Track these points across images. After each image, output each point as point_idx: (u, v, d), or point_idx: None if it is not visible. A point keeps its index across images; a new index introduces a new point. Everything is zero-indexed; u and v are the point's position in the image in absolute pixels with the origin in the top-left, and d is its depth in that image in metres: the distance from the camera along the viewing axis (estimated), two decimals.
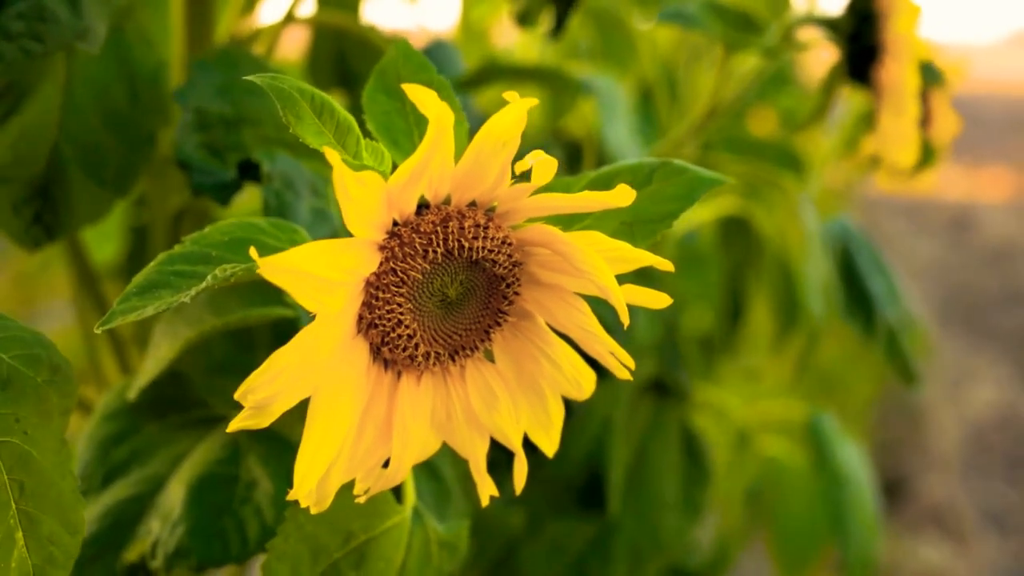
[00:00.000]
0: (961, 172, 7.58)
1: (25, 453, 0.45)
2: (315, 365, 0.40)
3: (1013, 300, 4.76)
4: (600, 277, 0.42)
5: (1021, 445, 3.34)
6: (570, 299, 0.45)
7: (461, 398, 0.45)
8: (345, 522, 0.51)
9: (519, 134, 0.39)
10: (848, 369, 3.48)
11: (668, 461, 0.91)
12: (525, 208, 0.43)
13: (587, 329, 0.45)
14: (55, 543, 0.45)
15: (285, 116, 0.44)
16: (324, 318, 0.40)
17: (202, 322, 0.58)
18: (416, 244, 0.42)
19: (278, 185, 0.60)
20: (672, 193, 0.49)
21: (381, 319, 0.42)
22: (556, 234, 0.43)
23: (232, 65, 0.69)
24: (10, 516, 0.44)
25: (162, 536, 0.54)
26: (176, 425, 0.61)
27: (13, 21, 0.56)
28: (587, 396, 0.47)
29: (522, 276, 0.45)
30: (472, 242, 0.42)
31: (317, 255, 0.38)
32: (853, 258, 1.02)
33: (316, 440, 0.41)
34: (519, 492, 0.45)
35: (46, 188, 0.65)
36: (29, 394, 0.46)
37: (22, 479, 0.45)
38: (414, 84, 0.39)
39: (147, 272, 0.44)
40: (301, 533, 0.50)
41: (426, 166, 0.39)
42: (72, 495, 0.46)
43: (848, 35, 0.85)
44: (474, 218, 0.43)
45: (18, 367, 0.46)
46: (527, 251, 0.45)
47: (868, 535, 1.17)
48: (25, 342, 0.47)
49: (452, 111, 0.38)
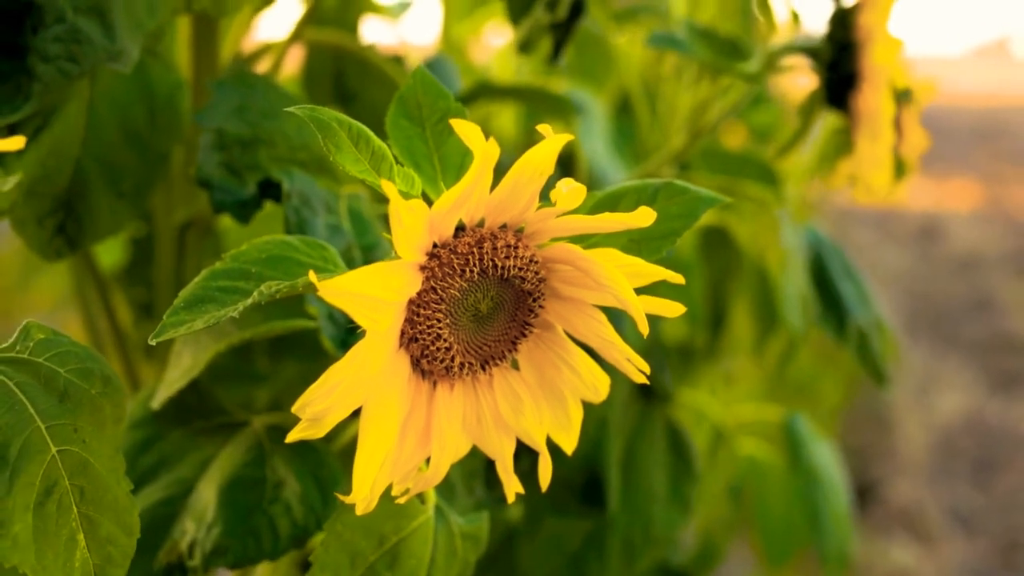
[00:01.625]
0: (929, 183, 7.69)
1: (84, 460, 0.48)
2: (366, 378, 0.44)
3: (979, 308, 4.85)
4: (620, 290, 0.46)
5: (987, 449, 3.41)
6: (589, 311, 0.49)
7: (490, 404, 0.50)
8: (378, 526, 0.54)
9: (552, 165, 0.43)
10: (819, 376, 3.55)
11: (656, 458, 0.95)
12: (551, 229, 0.47)
13: (605, 338, 0.49)
14: (113, 543, 0.48)
15: (325, 145, 0.48)
16: (373, 335, 0.44)
17: (227, 334, 0.61)
18: (454, 264, 0.46)
19: (296, 202, 0.64)
20: (676, 212, 0.53)
21: (422, 334, 0.46)
22: (578, 252, 0.47)
23: (248, 86, 0.73)
24: (72, 519, 0.48)
25: (198, 537, 0.58)
26: (200, 431, 0.64)
27: (50, 44, 0.59)
28: (603, 399, 0.51)
29: (546, 291, 0.49)
30: (504, 261, 0.47)
31: (371, 278, 0.42)
32: (825, 264, 1.07)
33: (370, 447, 0.44)
34: (544, 488, 0.49)
35: (69, 202, 0.68)
36: (85, 405, 0.49)
37: (82, 484, 0.48)
38: (460, 120, 0.43)
39: (192, 287, 0.48)
40: (340, 542, 0.53)
41: (469, 195, 0.43)
42: (127, 499, 0.49)
43: (827, 63, 0.89)
44: (505, 239, 0.47)
45: (74, 380, 0.49)
46: (551, 268, 0.49)
47: (843, 531, 1.22)
48: (79, 356, 0.50)
49: (496, 148, 0.42)
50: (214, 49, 0.81)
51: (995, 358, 4.20)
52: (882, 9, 0.85)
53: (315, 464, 0.62)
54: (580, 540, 0.91)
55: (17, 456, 0.46)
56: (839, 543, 1.23)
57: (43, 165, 0.67)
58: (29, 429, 0.47)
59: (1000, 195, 7.44)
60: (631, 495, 0.95)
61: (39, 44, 0.60)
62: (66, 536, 0.47)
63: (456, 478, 0.70)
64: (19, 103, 0.59)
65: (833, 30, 0.89)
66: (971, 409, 3.71)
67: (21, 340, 0.49)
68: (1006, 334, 4.46)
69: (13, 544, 0.46)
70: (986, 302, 4.94)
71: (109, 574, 0.48)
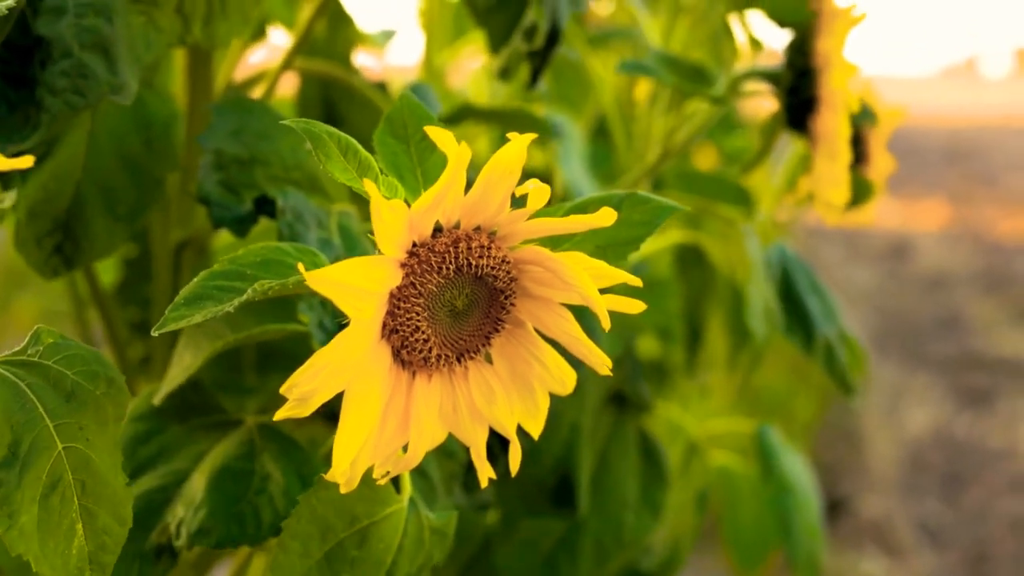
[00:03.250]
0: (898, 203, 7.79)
1: (86, 457, 0.52)
2: (349, 364, 0.48)
3: (947, 326, 4.92)
4: (585, 289, 0.50)
5: (955, 464, 3.47)
6: (557, 309, 0.53)
7: (465, 394, 0.53)
8: (351, 507, 0.58)
9: (521, 167, 0.47)
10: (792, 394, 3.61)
11: (628, 465, 0.99)
12: (521, 231, 0.51)
13: (572, 334, 0.53)
14: (107, 533, 0.52)
15: (316, 154, 0.52)
16: (357, 323, 0.47)
17: (222, 336, 0.65)
18: (432, 261, 0.50)
19: (290, 218, 0.68)
20: (639, 220, 0.57)
21: (402, 325, 0.50)
22: (547, 253, 0.51)
23: (245, 110, 0.77)
24: (73, 511, 0.51)
25: (186, 518, 0.61)
26: (197, 427, 0.68)
27: (58, 78, 0.63)
28: (570, 391, 0.55)
29: (517, 290, 0.53)
30: (478, 260, 0.51)
31: (355, 269, 0.46)
32: (792, 280, 1.11)
33: (350, 428, 0.48)
34: (514, 473, 0.53)
35: (68, 223, 0.72)
36: (90, 405, 0.53)
37: (84, 479, 0.52)
38: (435, 127, 0.47)
39: (192, 286, 0.52)
40: (313, 515, 0.57)
41: (444, 196, 0.47)
42: (123, 492, 0.53)
43: (787, 88, 0.93)
44: (479, 240, 0.51)
45: (81, 381, 0.53)
46: (522, 268, 0.53)
47: (813, 538, 1.26)
48: (85, 359, 0.54)
49: (468, 151, 0.46)
50: (209, 78, 0.85)
51: (963, 375, 4.26)
52: (838, 37, 0.90)
53: (301, 462, 0.66)
54: (554, 542, 0.95)
55: (27, 452, 0.50)
56: (809, 550, 1.27)
57: (45, 188, 0.71)
58: (39, 427, 0.51)
59: (968, 215, 7.56)
60: (603, 500, 0.98)
61: (47, 78, 0.64)
62: (67, 526, 0.51)
63: (437, 481, 0.73)
64: (28, 132, 0.63)
65: (792, 57, 0.94)
66: (939, 425, 3.77)
67: (32, 344, 0.53)
68: (974, 351, 4.54)
69: (20, 534, 0.49)
70: (954, 320, 5.01)
71: (102, 560, 0.51)
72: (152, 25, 0.70)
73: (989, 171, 9.57)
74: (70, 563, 0.50)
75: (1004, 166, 9.88)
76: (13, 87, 0.63)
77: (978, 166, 9.91)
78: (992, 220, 7.37)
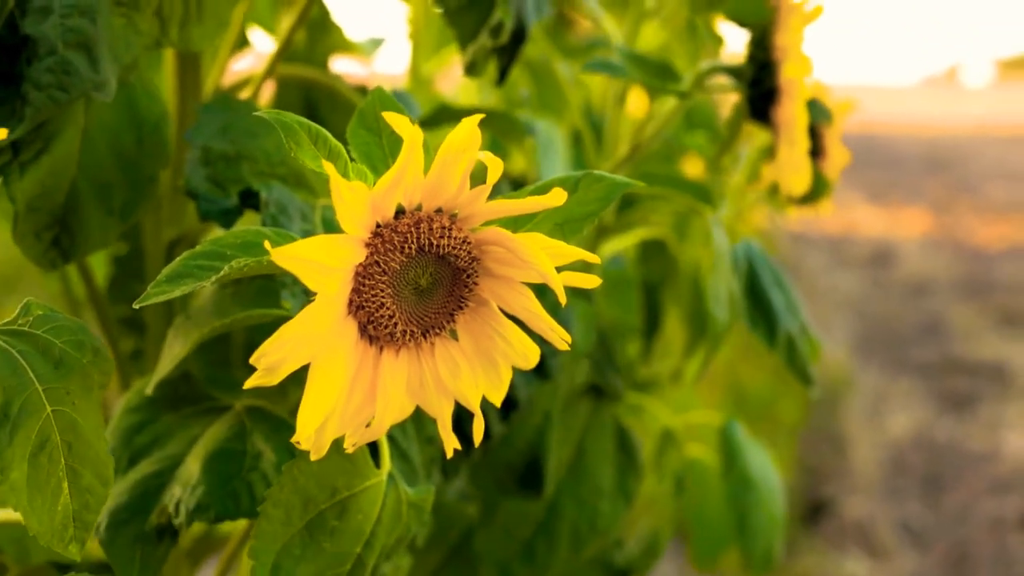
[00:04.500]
0: (880, 211, 7.87)
1: (73, 420, 0.55)
2: (314, 337, 0.50)
3: (929, 332, 4.97)
4: (542, 267, 0.53)
5: (936, 466, 3.50)
6: (518, 288, 0.56)
7: (431, 369, 0.56)
8: (332, 479, 0.61)
9: (476, 145, 0.50)
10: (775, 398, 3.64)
11: (603, 454, 1.01)
12: (481, 212, 0.54)
13: (532, 311, 0.56)
14: (91, 493, 0.55)
15: (287, 143, 0.54)
16: (322, 298, 0.50)
17: (208, 323, 0.68)
18: (395, 241, 0.52)
19: (274, 210, 0.71)
20: (594, 196, 0.60)
21: (368, 302, 0.52)
22: (507, 234, 0.54)
23: (231, 110, 0.81)
24: (60, 470, 0.54)
25: (183, 497, 0.64)
26: (189, 414, 0.72)
27: (43, 74, 0.66)
28: (533, 365, 0.57)
29: (480, 269, 0.55)
30: (439, 240, 0.53)
31: (318, 246, 0.49)
32: (757, 275, 1.13)
33: (314, 396, 0.51)
34: (478, 444, 0.55)
35: (64, 217, 0.75)
36: (76, 372, 0.56)
37: (70, 440, 0.54)
38: (392, 112, 0.50)
39: (174, 265, 0.54)
40: (295, 485, 0.60)
41: (402, 176, 0.50)
42: (105, 454, 0.56)
43: (749, 81, 0.97)
44: (440, 221, 0.53)
45: (68, 350, 0.56)
46: (483, 249, 0.55)
47: (772, 535, 1.27)
48: (72, 330, 0.57)
49: (420, 132, 0.48)
50: (197, 81, 0.87)
51: (944, 379, 4.31)
52: (795, 31, 0.93)
53: (290, 438, 0.68)
54: (532, 528, 0.97)
55: (18, 413, 0.53)
56: (766, 546, 1.28)
57: (42, 184, 0.74)
58: (29, 391, 0.54)
59: (950, 222, 7.62)
60: (580, 488, 1.01)
61: (33, 74, 0.67)
62: (53, 484, 0.53)
63: (419, 465, 0.76)
64: (13, 124, 0.66)
65: (753, 51, 0.97)
66: (921, 428, 3.81)
67: (22, 315, 0.56)
68: (955, 356, 4.58)
69: (11, 488, 0.52)
70: (936, 325, 5.06)
71: (85, 518, 0.54)
72: (132, 27, 0.73)
73: (970, 179, 9.65)
74: (55, 520, 0.53)
75: (984, 174, 9.97)
76: (1, 83, 0.66)
77: (959, 174, 9.99)
78: (973, 227, 7.44)
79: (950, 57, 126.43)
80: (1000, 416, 3.90)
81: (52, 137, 0.73)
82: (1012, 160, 11.15)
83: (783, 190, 0.99)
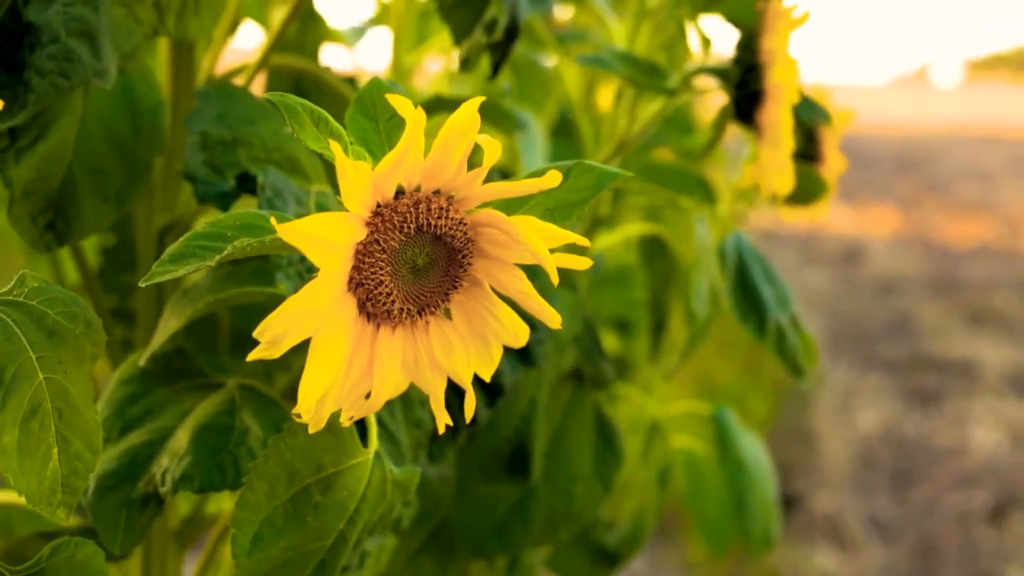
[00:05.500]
0: (850, 209, 7.94)
1: (64, 388, 0.56)
2: (316, 311, 0.52)
3: (898, 329, 5.03)
4: (536, 248, 0.54)
5: (904, 461, 3.56)
6: (511, 269, 0.57)
7: (426, 346, 0.57)
8: (319, 455, 0.62)
9: (475, 129, 0.52)
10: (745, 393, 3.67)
11: (583, 440, 1.02)
12: (477, 194, 0.55)
13: (524, 291, 0.57)
14: (80, 459, 0.56)
15: (291, 124, 0.56)
16: (324, 274, 0.51)
17: (203, 299, 0.69)
18: (395, 220, 0.54)
19: (270, 194, 0.73)
20: (584, 185, 0.61)
21: (367, 279, 0.54)
22: (501, 216, 0.55)
23: (228, 96, 0.82)
24: (50, 436, 0.55)
25: (170, 467, 0.65)
26: (182, 389, 0.73)
27: (45, 61, 0.67)
28: (523, 344, 0.59)
29: (474, 250, 0.57)
30: (437, 221, 0.55)
31: (322, 222, 0.50)
32: (747, 268, 1.15)
33: (315, 369, 0.52)
34: (469, 420, 0.57)
35: (59, 202, 0.76)
36: (69, 342, 0.57)
37: (61, 407, 0.56)
38: (396, 95, 0.51)
39: (177, 245, 0.55)
40: (280, 459, 0.61)
41: (404, 157, 0.51)
42: (95, 423, 0.57)
43: (735, 82, 0.99)
44: (439, 202, 0.55)
45: (61, 321, 0.57)
46: (478, 230, 0.57)
47: (768, 515, 1.30)
48: (65, 302, 0.58)
49: (423, 115, 0.50)
50: (191, 70, 0.88)
51: (912, 376, 4.37)
52: (782, 35, 0.95)
53: (279, 418, 0.70)
54: (507, 508, 0.99)
55: (11, 379, 0.54)
56: (764, 526, 1.31)
57: (38, 169, 0.75)
58: (22, 357, 0.55)
59: (919, 221, 7.71)
60: (556, 472, 1.02)
61: (35, 60, 0.68)
62: (43, 450, 0.55)
63: (406, 448, 0.77)
64: (16, 110, 0.67)
65: (740, 54, 0.99)
66: (890, 423, 3.86)
67: (17, 286, 0.57)
68: (923, 353, 4.65)
69: (2, 451, 0.54)
70: (905, 323, 5.13)
71: (73, 484, 0.55)
72: (132, 16, 0.74)
73: (939, 179, 9.76)
74: (44, 484, 0.54)
75: (953, 174, 10.09)
76: (4, 70, 0.67)
77: (928, 174, 10.10)
78: (941, 226, 7.53)
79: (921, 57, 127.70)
80: (967, 412, 3.96)
81: (49, 124, 0.74)
82: (981, 160, 11.28)
83: (765, 191, 1.01)
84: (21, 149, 0.73)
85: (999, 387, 4.21)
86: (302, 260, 0.70)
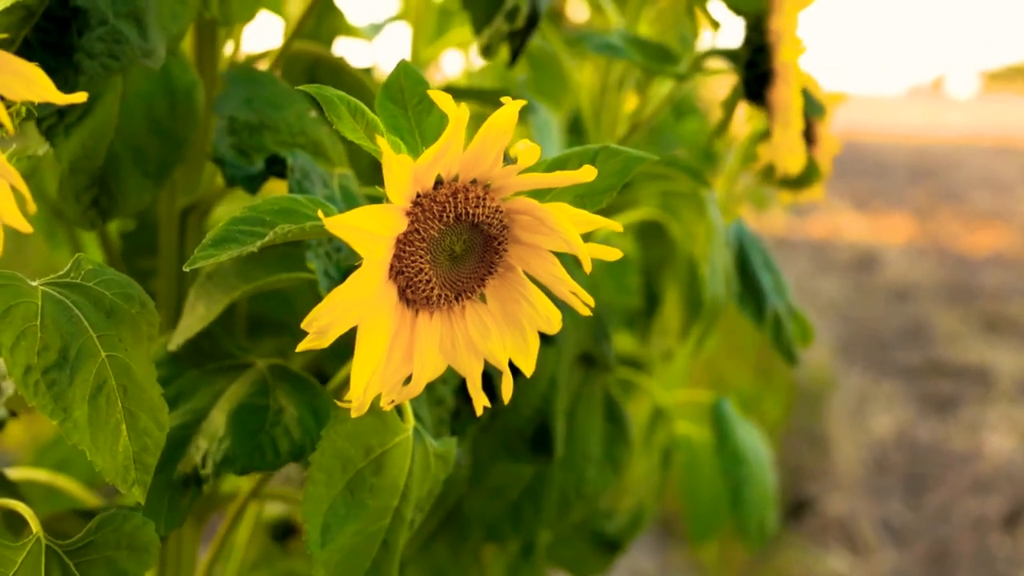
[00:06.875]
0: (864, 217, 7.94)
1: (126, 365, 0.58)
2: (361, 300, 0.54)
3: (912, 336, 5.03)
4: (569, 236, 0.57)
5: (917, 466, 3.56)
6: (544, 254, 0.60)
7: (462, 330, 0.60)
8: (365, 438, 0.65)
9: (513, 125, 0.54)
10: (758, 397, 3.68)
11: (593, 422, 1.04)
12: (513, 184, 0.58)
13: (557, 276, 0.60)
14: (148, 435, 0.58)
15: (328, 116, 0.58)
16: (368, 264, 0.54)
17: (235, 288, 0.72)
18: (434, 210, 0.56)
19: (299, 176, 0.75)
20: (612, 171, 0.63)
21: (407, 267, 0.56)
22: (535, 204, 0.58)
23: (255, 81, 0.85)
24: (117, 411, 0.57)
25: (211, 450, 0.68)
26: (212, 371, 0.75)
27: (95, 43, 0.70)
28: (556, 330, 0.61)
29: (509, 237, 0.59)
30: (474, 209, 0.57)
31: (366, 215, 0.53)
32: (747, 255, 1.16)
33: (364, 356, 0.55)
34: (507, 401, 0.59)
35: (103, 178, 0.78)
36: (127, 321, 0.59)
37: (125, 384, 0.58)
38: (437, 92, 0.54)
39: (218, 230, 0.57)
40: (333, 448, 0.64)
41: (445, 152, 0.54)
42: (159, 400, 0.59)
43: (745, 63, 1.01)
44: (476, 191, 0.57)
45: (118, 301, 0.59)
46: (513, 218, 0.59)
47: (765, 509, 1.31)
48: (120, 284, 0.60)
49: (466, 111, 0.52)
50: (214, 54, 0.91)
51: (926, 382, 4.37)
52: (790, 15, 0.97)
53: (311, 396, 0.72)
54: (520, 490, 1.00)
55: (76, 357, 0.56)
56: (759, 520, 1.31)
57: (83, 146, 0.77)
58: (84, 336, 0.57)
59: (933, 229, 7.70)
60: (568, 453, 1.02)
61: (85, 43, 0.70)
62: (113, 424, 0.56)
63: (429, 425, 0.79)
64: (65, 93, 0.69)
65: (749, 35, 1.01)
66: (903, 429, 3.87)
67: (74, 269, 0.59)
68: (937, 360, 4.65)
69: (74, 426, 0.55)
70: (919, 330, 5.12)
71: (144, 460, 0.57)
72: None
73: (954, 188, 9.74)
74: (117, 460, 0.56)
75: (968, 183, 10.07)
76: (52, 55, 0.69)
77: (943, 183, 10.08)
78: (956, 234, 7.52)
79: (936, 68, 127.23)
80: (982, 418, 3.96)
81: (93, 102, 0.76)
82: (996, 169, 11.25)
83: (778, 170, 1.03)
84: (70, 125, 0.76)
85: (1014, 394, 4.22)
86: (330, 240, 0.72)
